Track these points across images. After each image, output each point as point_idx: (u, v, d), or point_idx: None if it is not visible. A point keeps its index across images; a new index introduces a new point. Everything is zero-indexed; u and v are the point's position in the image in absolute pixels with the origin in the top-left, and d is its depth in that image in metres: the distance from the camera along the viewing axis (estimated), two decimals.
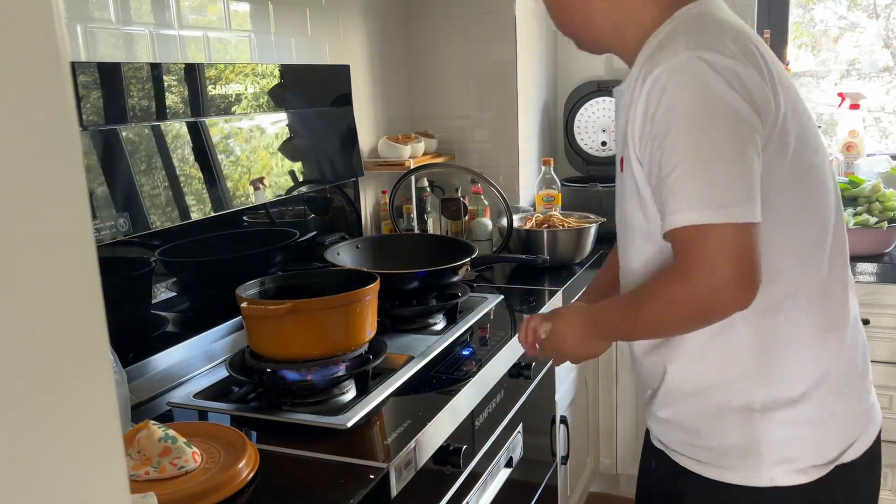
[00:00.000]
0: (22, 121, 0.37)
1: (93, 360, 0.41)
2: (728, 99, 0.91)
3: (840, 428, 1.05)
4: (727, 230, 0.88)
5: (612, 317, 1.09)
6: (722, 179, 0.90)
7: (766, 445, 1.03)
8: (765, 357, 1.02)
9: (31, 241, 0.38)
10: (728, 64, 0.92)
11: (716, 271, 0.89)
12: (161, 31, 1.49)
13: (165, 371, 1.44)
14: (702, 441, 1.08)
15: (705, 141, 0.91)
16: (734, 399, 1.04)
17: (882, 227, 2.04)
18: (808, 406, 1.03)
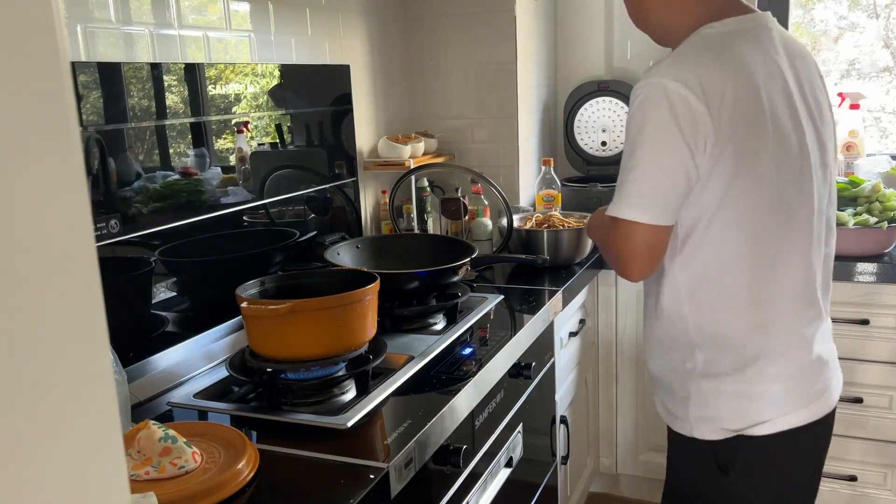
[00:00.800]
0: (22, 120, 0.37)
1: (93, 360, 0.41)
2: (667, 125, 1.12)
3: (760, 405, 1.23)
4: (627, 227, 1.17)
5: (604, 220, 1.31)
6: (638, 188, 1.16)
7: (693, 404, 1.27)
8: (709, 333, 1.24)
9: (32, 241, 0.38)
10: (683, 94, 1.11)
11: (625, 245, 1.18)
12: (161, 31, 1.49)
13: (165, 371, 1.44)
14: (668, 399, 1.34)
15: (641, 156, 1.15)
16: (685, 363, 1.27)
17: (882, 227, 2.04)
18: (737, 381, 1.23)
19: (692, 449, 1.29)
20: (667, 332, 1.29)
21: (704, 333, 1.24)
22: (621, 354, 2.39)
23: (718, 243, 1.19)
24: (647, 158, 1.14)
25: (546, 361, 1.86)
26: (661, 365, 1.33)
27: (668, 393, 1.33)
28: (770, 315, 1.22)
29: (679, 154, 1.12)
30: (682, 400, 1.29)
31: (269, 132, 1.79)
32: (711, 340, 1.24)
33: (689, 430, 1.28)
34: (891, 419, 2.13)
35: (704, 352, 1.24)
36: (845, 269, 2.06)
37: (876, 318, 2.07)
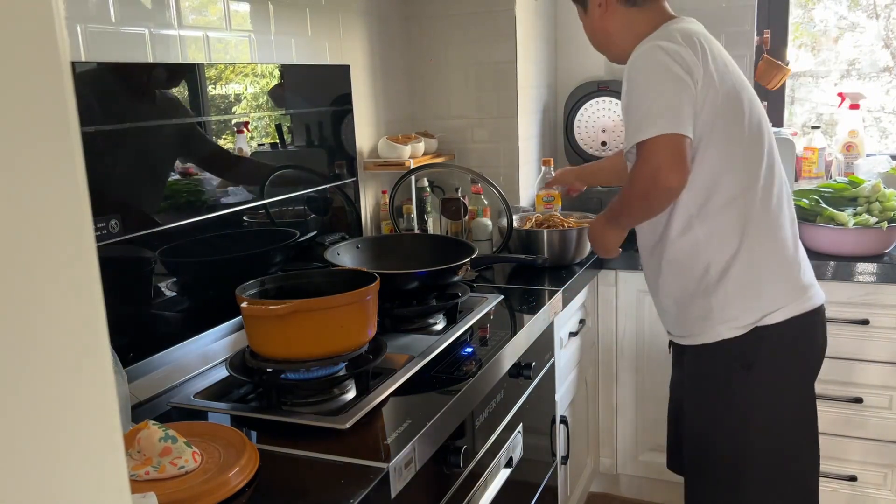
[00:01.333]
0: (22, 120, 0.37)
1: (93, 360, 0.41)
2: (670, 66, 1.39)
3: (765, 297, 1.48)
4: (659, 139, 1.36)
5: (613, 202, 1.56)
6: (657, 109, 1.37)
7: (717, 310, 1.50)
8: (713, 246, 1.48)
9: (32, 241, 0.38)
10: (673, 47, 1.41)
11: (655, 160, 1.37)
12: (161, 31, 1.49)
13: (165, 371, 1.44)
14: (683, 317, 1.57)
15: (650, 88, 1.40)
16: (700, 281, 1.50)
17: (882, 227, 2.04)
18: (737, 277, 1.48)
19: (716, 353, 1.51)
20: (679, 254, 1.51)
21: (713, 244, 1.47)
22: (621, 354, 2.39)
23: (713, 162, 1.45)
24: (652, 87, 1.39)
25: (546, 361, 1.86)
26: (677, 289, 1.55)
27: (684, 314, 1.55)
28: (764, 217, 1.48)
29: (681, 80, 1.38)
30: (705, 312, 1.51)
31: (269, 132, 1.79)
32: (719, 249, 1.47)
33: (718, 333, 1.49)
34: (891, 419, 2.13)
35: (716, 262, 1.48)
36: (845, 269, 2.06)
37: (876, 318, 2.07)
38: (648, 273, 1.65)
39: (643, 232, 1.61)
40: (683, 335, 1.59)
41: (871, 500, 2.18)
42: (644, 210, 1.48)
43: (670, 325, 1.65)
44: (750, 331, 1.48)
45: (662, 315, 1.67)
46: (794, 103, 2.92)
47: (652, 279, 1.64)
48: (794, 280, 1.51)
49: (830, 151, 2.63)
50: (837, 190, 2.20)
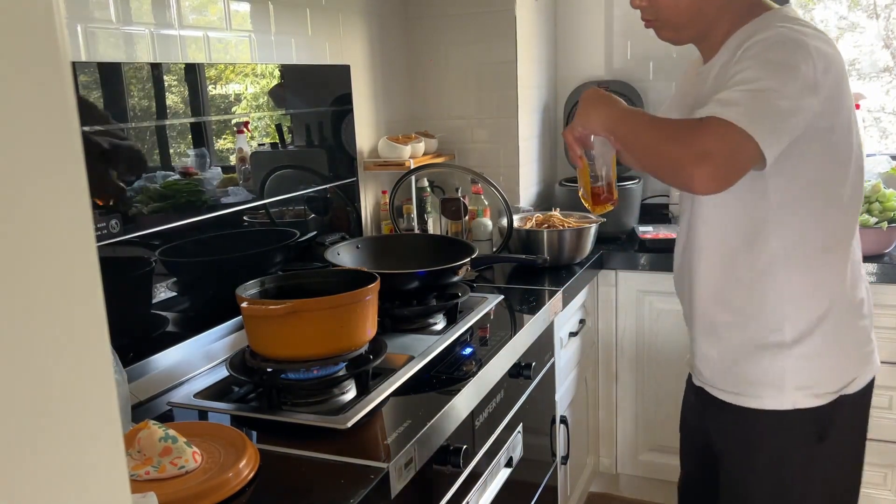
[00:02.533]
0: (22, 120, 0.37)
1: (93, 360, 0.41)
2: (799, 65, 1.12)
3: (850, 363, 1.30)
4: (748, 140, 1.09)
5: (638, 112, 1.27)
6: (763, 109, 1.10)
7: (790, 375, 1.27)
8: (797, 301, 1.26)
9: (32, 241, 0.38)
10: (812, 36, 1.15)
11: (716, 145, 1.09)
12: (161, 31, 1.49)
13: (165, 371, 1.44)
14: (733, 373, 1.32)
15: (768, 81, 1.11)
16: (769, 336, 1.28)
17: (882, 228, 2.04)
18: (826, 343, 1.27)
19: (783, 422, 1.29)
20: (751, 302, 1.28)
21: (798, 299, 1.26)
22: (621, 354, 2.39)
23: (806, 207, 1.22)
24: (780, 77, 1.12)
25: (546, 361, 1.86)
26: (738, 343, 1.31)
27: (739, 369, 1.31)
28: (856, 272, 1.31)
29: (810, 104, 1.14)
30: (773, 376, 1.28)
31: (270, 132, 1.79)
32: (805, 306, 1.26)
33: (793, 401, 1.27)
34: (891, 419, 2.12)
35: (797, 320, 1.26)
36: None
37: (876, 318, 2.05)
38: (700, 313, 1.38)
39: (704, 267, 1.34)
40: (734, 392, 1.34)
41: (871, 500, 2.18)
42: (651, 159, 1.20)
43: (711, 376, 1.38)
44: (831, 401, 1.28)
45: (701, 361, 1.40)
46: None
47: (702, 321, 1.38)
48: (870, 342, 1.35)
49: None
50: None
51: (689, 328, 1.44)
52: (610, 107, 1.28)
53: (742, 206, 1.25)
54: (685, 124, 1.15)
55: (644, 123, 1.22)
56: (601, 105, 1.29)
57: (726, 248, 1.30)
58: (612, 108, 1.27)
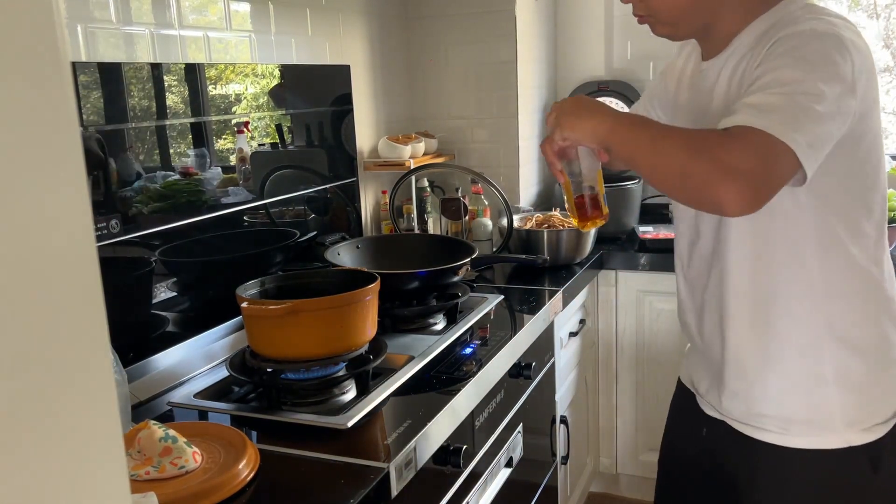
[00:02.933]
0: (22, 121, 0.37)
1: (93, 360, 0.41)
2: (836, 62, 0.98)
3: (893, 388, 1.16)
4: (777, 146, 0.94)
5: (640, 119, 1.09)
6: (804, 120, 0.96)
7: (839, 409, 1.13)
8: (833, 331, 1.12)
9: (32, 241, 0.38)
10: (849, 36, 1.01)
11: (747, 161, 0.94)
12: (161, 31, 1.49)
13: (165, 371, 1.44)
14: (771, 410, 1.17)
15: (800, 83, 0.97)
16: (806, 370, 1.14)
17: None
18: (872, 372, 1.14)
19: (836, 461, 1.14)
20: (800, 335, 1.13)
21: (845, 332, 1.13)
22: (621, 354, 2.39)
23: (862, 235, 1.10)
24: (822, 81, 0.97)
25: (546, 361, 1.86)
26: (785, 376, 1.15)
27: (783, 407, 1.16)
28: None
29: (850, 106, 1.00)
30: (817, 409, 1.14)
31: (270, 132, 1.78)
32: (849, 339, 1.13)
33: (846, 440, 1.13)
34: None
35: (838, 351, 1.13)
36: None
37: None
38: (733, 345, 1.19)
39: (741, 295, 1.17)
40: (771, 430, 1.17)
41: None
42: (666, 176, 1.02)
43: (732, 407, 1.22)
44: (889, 432, 1.15)
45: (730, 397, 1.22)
46: None
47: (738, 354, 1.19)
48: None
49: None
50: None
51: (709, 359, 1.26)
52: (600, 115, 1.09)
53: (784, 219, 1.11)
54: (709, 135, 0.99)
55: (651, 135, 1.04)
56: (588, 114, 1.10)
57: (768, 269, 1.14)
58: (602, 116, 1.09)
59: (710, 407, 1.27)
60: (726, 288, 1.18)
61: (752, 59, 1.07)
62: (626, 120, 1.09)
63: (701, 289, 1.24)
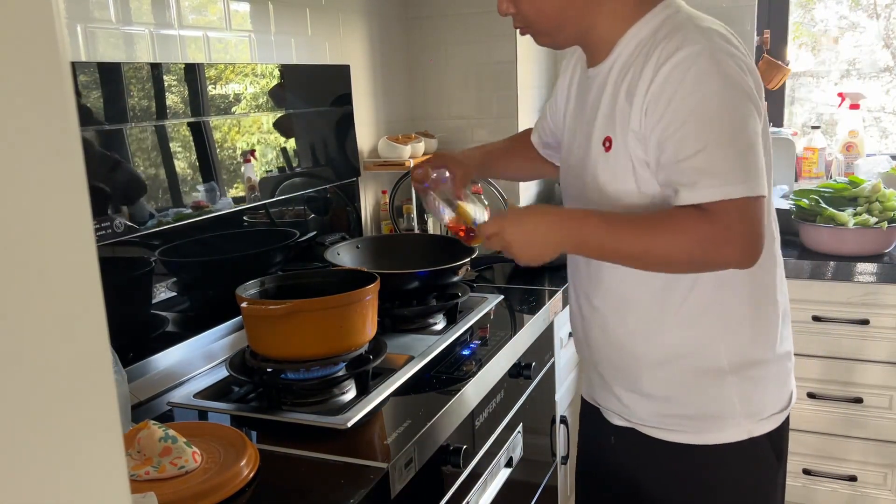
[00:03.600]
0: (22, 120, 0.37)
1: (93, 360, 0.41)
2: (744, 86, 1.02)
3: (790, 378, 1.21)
4: (746, 202, 0.99)
5: (608, 226, 1.06)
6: (741, 159, 1.00)
7: (739, 403, 1.14)
8: (735, 324, 1.14)
9: (32, 241, 0.38)
10: (739, 54, 1.04)
11: (741, 232, 1.00)
12: (161, 31, 1.49)
13: (165, 371, 1.44)
14: (675, 409, 1.17)
15: (728, 125, 1.00)
16: (704, 364, 1.14)
17: (882, 227, 2.04)
18: (769, 364, 1.17)
19: (743, 453, 1.16)
20: (690, 325, 1.13)
21: (733, 319, 1.14)
22: None
23: None
24: (729, 122, 1.00)
25: (546, 361, 1.86)
26: (676, 373, 1.15)
27: (682, 406, 1.16)
28: (782, 288, 1.21)
29: (758, 110, 1.03)
30: (718, 404, 1.14)
31: (275, 158, 1.78)
32: (739, 326, 1.14)
33: (748, 431, 1.15)
34: (891, 419, 2.12)
35: (731, 343, 1.14)
36: (845, 269, 2.06)
37: (876, 318, 2.07)
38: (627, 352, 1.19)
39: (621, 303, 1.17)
40: (677, 430, 1.17)
41: (871, 500, 2.18)
42: (667, 267, 1.07)
43: (647, 415, 1.20)
44: (785, 419, 1.19)
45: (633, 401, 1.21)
46: (794, 103, 2.92)
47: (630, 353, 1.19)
48: (788, 341, 1.23)
49: (830, 151, 2.63)
50: (837, 190, 2.20)
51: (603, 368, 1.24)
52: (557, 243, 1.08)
53: None
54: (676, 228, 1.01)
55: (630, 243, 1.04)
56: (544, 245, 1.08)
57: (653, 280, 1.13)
58: (560, 242, 1.08)
59: (615, 416, 1.25)
60: (610, 291, 1.17)
61: (637, 67, 1.06)
62: (592, 233, 1.06)
63: (585, 296, 1.23)
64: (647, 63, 1.04)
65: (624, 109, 1.07)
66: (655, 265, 1.07)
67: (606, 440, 1.29)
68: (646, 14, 1.10)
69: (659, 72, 1.02)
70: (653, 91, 1.03)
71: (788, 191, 2.44)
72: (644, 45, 1.07)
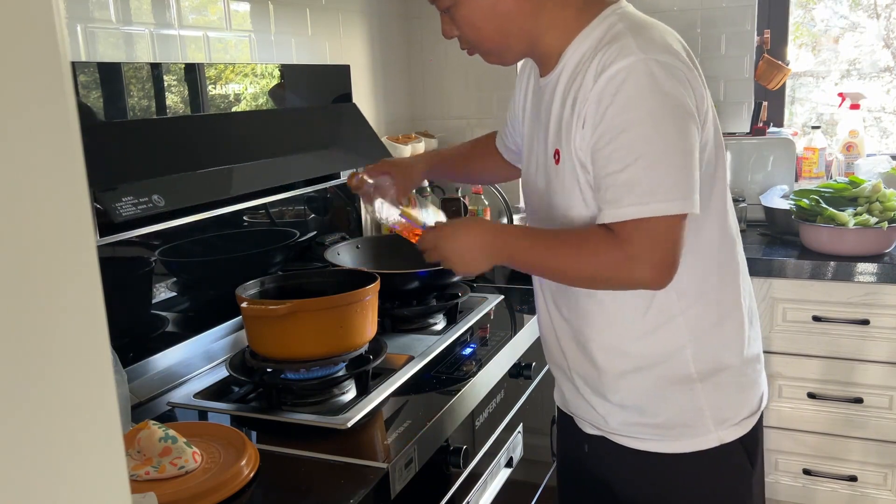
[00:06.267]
0: (22, 120, 0.37)
1: (93, 360, 0.41)
2: (680, 100, 0.99)
3: (760, 381, 1.20)
4: (664, 222, 0.98)
5: (529, 242, 1.09)
6: (670, 176, 0.98)
7: (708, 410, 1.13)
8: (700, 332, 1.12)
9: (32, 241, 0.38)
10: (678, 66, 1.00)
11: (650, 254, 0.99)
12: (161, 31, 1.49)
13: (165, 371, 1.44)
14: (645, 418, 1.15)
15: (658, 141, 0.98)
16: (672, 372, 1.12)
17: (882, 228, 2.04)
18: (737, 369, 1.15)
19: (715, 460, 1.14)
20: (655, 335, 1.11)
21: (698, 327, 1.12)
22: None
23: (712, 228, 1.11)
24: (656, 139, 0.98)
25: (546, 361, 1.86)
26: (646, 382, 1.13)
27: (652, 415, 1.14)
28: (747, 289, 1.20)
29: (692, 124, 1.00)
30: (688, 412, 1.13)
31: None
32: (704, 334, 1.12)
33: (718, 438, 1.13)
34: (891, 419, 2.12)
35: (698, 350, 1.12)
36: (845, 269, 2.06)
37: (876, 318, 2.07)
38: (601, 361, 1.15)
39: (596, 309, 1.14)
40: (646, 438, 1.16)
41: (871, 500, 2.18)
42: (582, 284, 1.09)
43: (608, 420, 1.18)
44: (757, 422, 1.18)
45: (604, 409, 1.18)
46: (794, 103, 2.92)
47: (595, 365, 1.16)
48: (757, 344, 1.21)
49: (831, 151, 2.63)
50: (838, 190, 2.20)
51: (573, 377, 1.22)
52: (487, 257, 1.09)
53: None
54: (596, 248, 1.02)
55: (550, 259, 1.06)
56: (478, 259, 1.10)
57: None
58: (491, 256, 1.09)
59: (587, 424, 1.23)
60: (577, 302, 1.15)
61: (580, 78, 1.04)
62: (517, 248, 1.08)
63: (555, 305, 1.21)
64: (587, 74, 1.02)
65: (569, 122, 1.06)
66: (575, 283, 1.09)
67: (581, 448, 1.27)
68: (591, 22, 1.07)
69: (595, 84, 1.00)
70: (590, 103, 1.01)
71: (788, 191, 2.44)
72: (587, 56, 1.05)
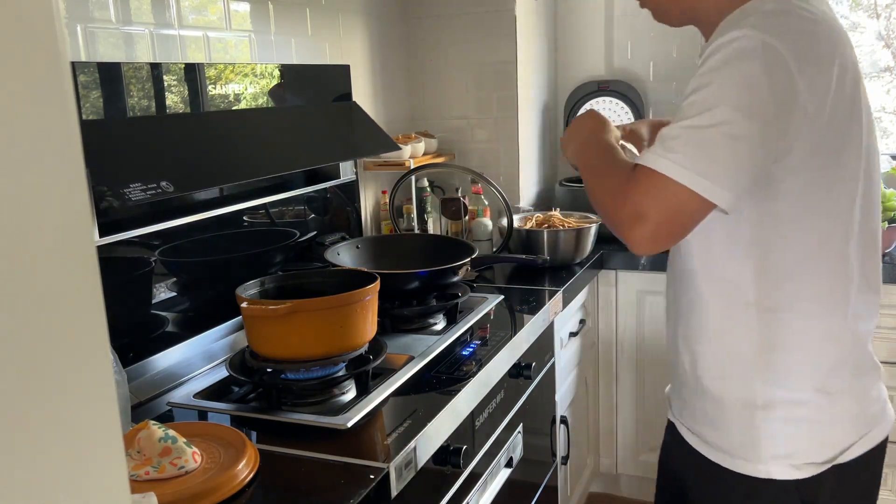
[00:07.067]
0: (22, 120, 0.37)
1: (93, 360, 0.41)
2: (766, 93, 0.92)
3: (840, 429, 1.08)
4: (689, 196, 0.93)
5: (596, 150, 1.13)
6: (719, 151, 0.93)
7: (765, 440, 1.08)
8: (767, 355, 1.07)
9: (32, 241, 0.38)
10: (786, 54, 0.92)
11: (649, 206, 0.95)
12: (161, 31, 1.49)
13: (165, 371, 1.44)
14: (707, 427, 1.15)
15: (727, 117, 0.92)
16: (735, 393, 1.10)
17: (882, 227, 2.04)
18: (809, 406, 1.07)
19: (766, 490, 1.10)
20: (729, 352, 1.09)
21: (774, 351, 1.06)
22: (621, 354, 2.39)
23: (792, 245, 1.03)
24: (742, 133, 0.92)
25: (546, 361, 1.86)
26: (719, 395, 1.12)
27: (714, 426, 1.13)
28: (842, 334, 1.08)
29: (765, 119, 0.93)
30: (752, 436, 1.09)
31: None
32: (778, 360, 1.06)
33: (766, 471, 1.08)
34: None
35: (765, 376, 1.07)
36: None
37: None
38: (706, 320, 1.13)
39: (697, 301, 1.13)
40: (705, 442, 1.15)
41: None
42: (597, 209, 1.07)
43: (683, 417, 1.21)
44: (818, 472, 1.08)
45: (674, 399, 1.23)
46: None
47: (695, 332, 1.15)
48: (870, 399, 1.11)
49: None
50: None
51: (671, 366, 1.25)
52: (574, 142, 1.19)
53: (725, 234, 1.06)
54: (621, 175, 1.01)
55: (593, 171, 1.10)
56: (570, 138, 1.20)
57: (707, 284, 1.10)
58: (575, 143, 1.18)
59: (671, 414, 1.26)
60: (679, 298, 1.17)
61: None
62: (587, 149, 1.15)
63: (670, 297, 1.22)
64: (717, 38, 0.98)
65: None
66: (595, 198, 1.07)
67: (667, 433, 1.31)
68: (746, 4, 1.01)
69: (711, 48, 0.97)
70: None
71: None
72: (728, 24, 1.00)
